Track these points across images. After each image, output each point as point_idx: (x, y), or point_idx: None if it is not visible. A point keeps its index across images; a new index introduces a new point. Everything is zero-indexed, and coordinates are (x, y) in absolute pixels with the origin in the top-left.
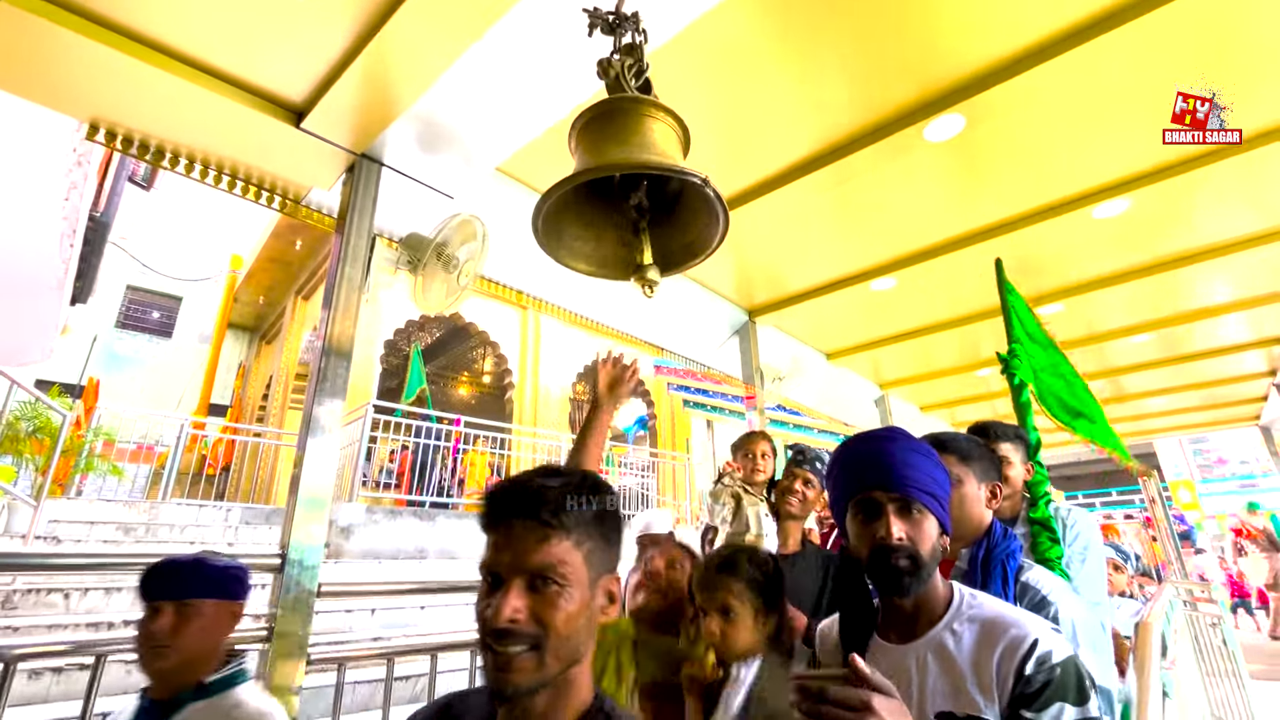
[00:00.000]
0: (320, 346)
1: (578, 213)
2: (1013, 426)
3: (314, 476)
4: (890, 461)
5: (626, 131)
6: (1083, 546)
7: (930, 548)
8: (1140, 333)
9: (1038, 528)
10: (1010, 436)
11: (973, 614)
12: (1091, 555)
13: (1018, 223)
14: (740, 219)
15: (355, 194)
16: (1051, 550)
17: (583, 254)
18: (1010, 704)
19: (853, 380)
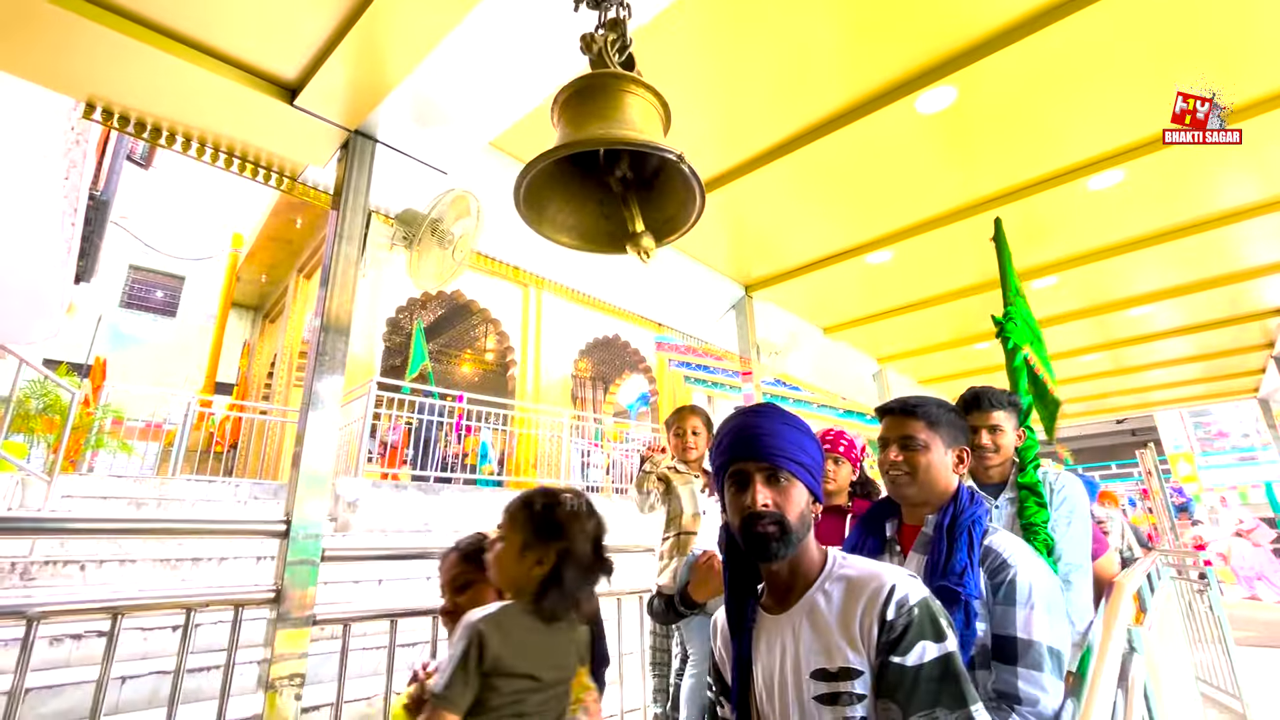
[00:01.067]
0: (318, 323)
1: (560, 187)
2: (1005, 393)
3: (315, 450)
4: (758, 433)
5: (606, 107)
6: (1069, 511)
7: (799, 514)
8: (1137, 305)
9: (1025, 492)
10: (1003, 403)
11: (841, 573)
12: (1077, 519)
13: (1012, 195)
14: (735, 194)
15: (350, 171)
16: (1038, 515)
17: (565, 226)
18: (879, 652)
19: (850, 354)
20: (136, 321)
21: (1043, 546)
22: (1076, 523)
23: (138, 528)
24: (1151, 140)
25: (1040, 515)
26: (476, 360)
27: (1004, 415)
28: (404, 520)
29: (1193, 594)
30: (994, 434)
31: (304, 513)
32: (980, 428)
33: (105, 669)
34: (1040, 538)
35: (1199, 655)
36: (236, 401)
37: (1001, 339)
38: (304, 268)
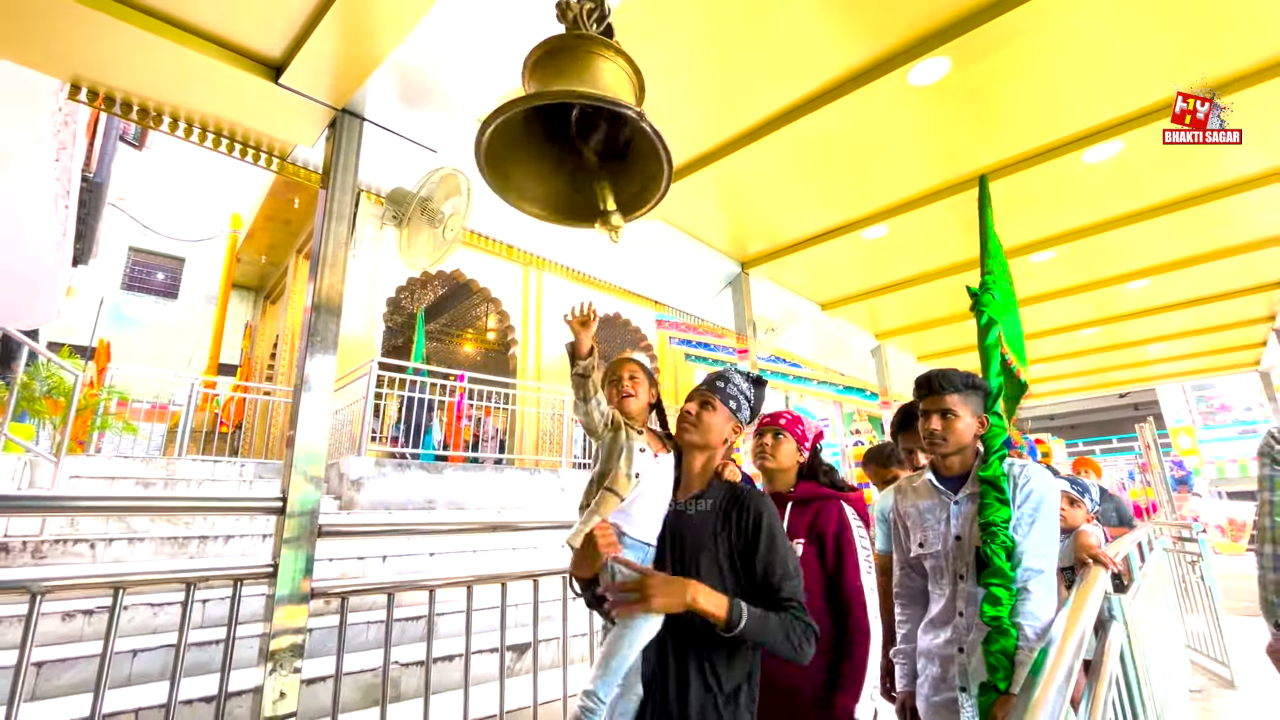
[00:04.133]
0: (309, 303)
1: (529, 154)
2: (961, 374)
3: (308, 428)
4: None
5: (575, 68)
6: (1033, 507)
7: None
8: (1137, 279)
9: (986, 487)
10: (957, 386)
11: None
12: (1043, 518)
13: (1007, 168)
14: (730, 169)
15: (338, 150)
16: (998, 512)
17: (532, 196)
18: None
19: (848, 331)
20: (138, 304)
21: (1000, 549)
22: (1041, 522)
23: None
24: (1149, 111)
25: (1000, 513)
26: (478, 340)
27: (958, 399)
28: (408, 498)
29: (1186, 565)
30: (945, 419)
31: (299, 490)
32: (931, 412)
33: (109, 642)
34: (999, 539)
35: (1191, 623)
36: (240, 383)
37: (976, 312)
38: (303, 248)
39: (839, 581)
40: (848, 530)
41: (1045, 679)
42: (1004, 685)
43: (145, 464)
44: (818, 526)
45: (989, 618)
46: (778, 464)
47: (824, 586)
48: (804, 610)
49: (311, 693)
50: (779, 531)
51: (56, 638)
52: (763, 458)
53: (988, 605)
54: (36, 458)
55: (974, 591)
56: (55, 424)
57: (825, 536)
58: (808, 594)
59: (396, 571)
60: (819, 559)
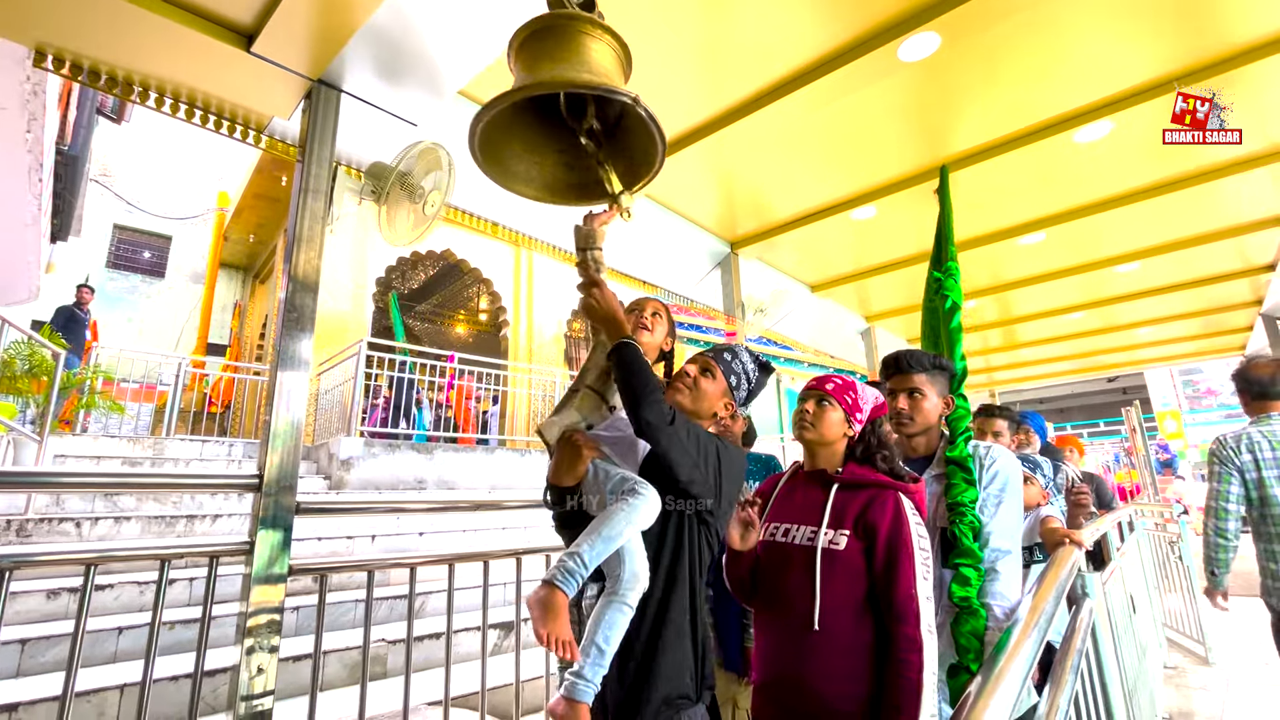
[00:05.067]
0: (285, 279)
1: (519, 135)
2: (929, 355)
3: (286, 405)
4: None
5: (562, 50)
6: (999, 488)
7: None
8: (1127, 261)
9: (953, 468)
10: (925, 366)
11: None
12: (1009, 498)
13: (998, 148)
14: (718, 146)
15: (314, 122)
16: (966, 493)
17: (526, 178)
18: None
19: (838, 312)
20: (124, 282)
21: (968, 530)
22: (1008, 502)
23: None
24: (1140, 90)
25: (967, 494)
26: (470, 320)
27: (925, 379)
28: (398, 478)
29: (1167, 545)
30: (912, 399)
31: (276, 467)
32: (898, 391)
33: (81, 620)
34: (967, 519)
35: (1169, 603)
36: (229, 362)
37: (940, 296)
38: None
39: (890, 588)
40: (905, 527)
41: (1008, 656)
42: (975, 666)
43: (132, 444)
44: (868, 519)
45: (958, 598)
46: (819, 436)
47: (867, 591)
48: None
49: (295, 670)
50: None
51: (41, 615)
52: (802, 427)
53: (956, 586)
54: (20, 437)
55: (940, 573)
56: (38, 403)
57: (877, 533)
58: (846, 606)
59: (385, 550)
60: (865, 557)
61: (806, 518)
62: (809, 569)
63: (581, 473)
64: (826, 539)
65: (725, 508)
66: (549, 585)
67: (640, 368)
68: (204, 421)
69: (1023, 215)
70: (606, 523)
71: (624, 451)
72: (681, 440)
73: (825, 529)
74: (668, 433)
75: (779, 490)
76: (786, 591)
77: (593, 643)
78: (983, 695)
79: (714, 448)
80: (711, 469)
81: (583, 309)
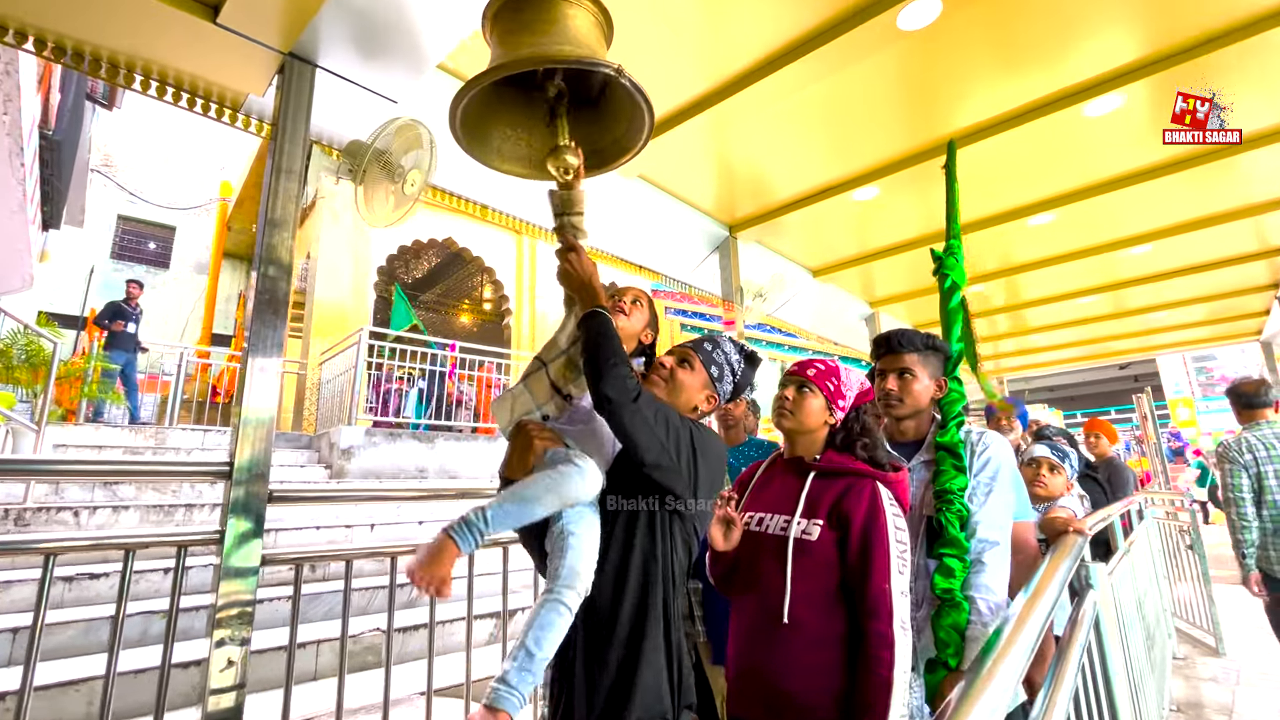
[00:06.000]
0: (256, 261)
1: (502, 112)
2: (922, 335)
3: (257, 390)
4: None
5: (541, 21)
6: (990, 475)
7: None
8: (1139, 243)
9: (942, 453)
10: (917, 346)
11: None
12: (999, 486)
13: (1004, 123)
14: (714, 122)
15: (287, 98)
16: (955, 480)
17: (515, 156)
18: None
19: (841, 298)
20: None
21: (955, 518)
22: (999, 491)
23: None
24: (1152, 61)
25: (956, 481)
26: (474, 310)
27: (917, 359)
28: (399, 467)
29: (1179, 534)
30: (903, 379)
31: (247, 454)
32: (888, 372)
33: (40, 611)
34: (954, 508)
35: (1179, 592)
36: (234, 353)
37: (939, 275)
38: None
39: (862, 582)
40: (880, 518)
41: (997, 655)
42: (954, 662)
43: (134, 433)
44: (842, 508)
45: (941, 590)
46: (798, 423)
47: (839, 583)
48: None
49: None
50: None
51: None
52: (781, 415)
53: (940, 577)
54: (18, 427)
55: (924, 564)
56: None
57: (851, 523)
58: (817, 598)
59: (384, 539)
60: (839, 548)
61: (781, 506)
62: (780, 559)
63: (531, 465)
64: (799, 529)
65: (704, 499)
66: (444, 533)
67: (608, 339)
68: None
69: (1031, 194)
70: (527, 484)
71: (589, 445)
72: (647, 420)
73: (799, 518)
74: (630, 410)
75: (757, 478)
76: (758, 582)
77: (523, 646)
78: (967, 699)
79: (688, 432)
80: (686, 455)
81: (559, 276)
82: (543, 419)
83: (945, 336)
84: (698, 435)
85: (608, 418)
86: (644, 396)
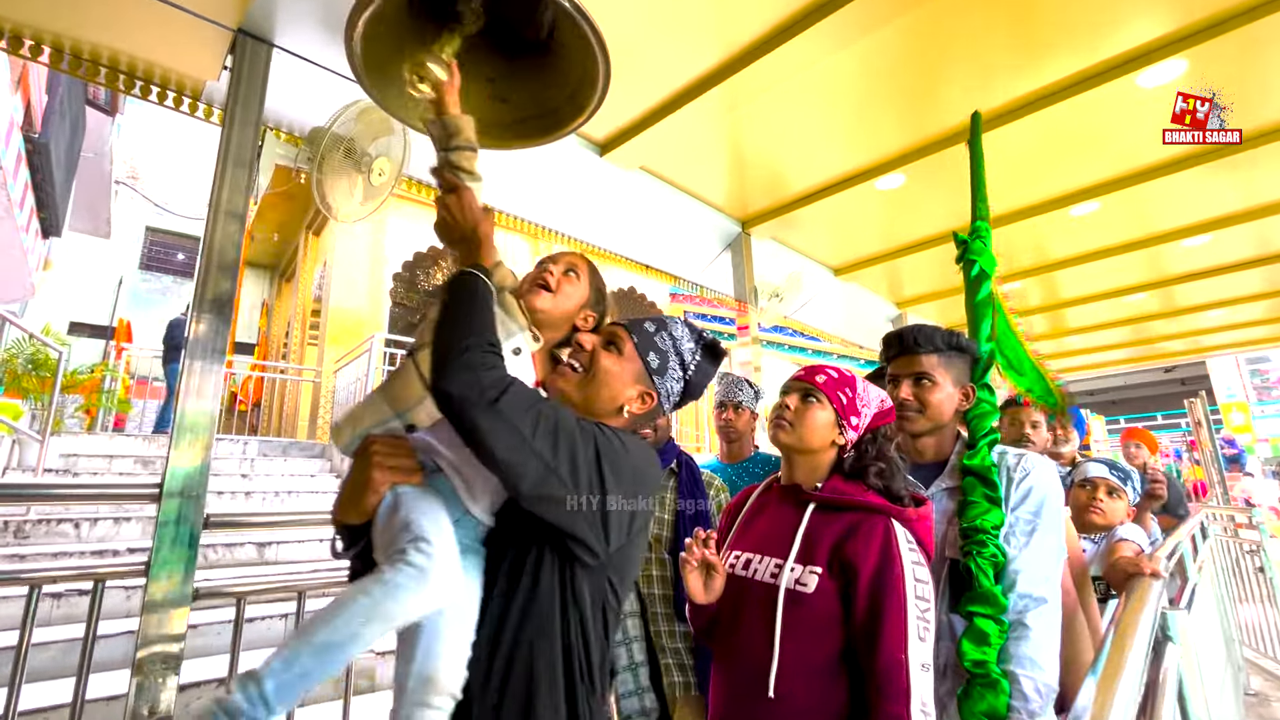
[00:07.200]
0: (201, 257)
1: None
2: (945, 332)
3: (194, 400)
4: None
5: None
6: (1033, 510)
7: None
8: (1196, 234)
9: (971, 480)
10: (938, 345)
11: None
12: (1045, 525)
13: (1044, 99)
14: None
15: (238, 79)
16: (988, 515)
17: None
18: None
19: (865, 298)
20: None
21: (988, 565)
22: (1045, 530)
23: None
24: (1217, 21)
25: (990, 516)
26: None
27: (938, 362)
28: None
29: (1240, 552)
30: (920, 386)
31: (181, 472)
32: (901, 377)
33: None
34: (987, 551)
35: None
36: (258, 361)
37: (965, 262)
38: (312, 224)
39: (871, 649)
40: (895, 566)
41: None
42: None
43: (148, 443)
44: (846, 552)
45: (971, 662)
46: (798, 439)
47: (842, 649)
48: None
49: None
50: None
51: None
52: (779, 427)
53: (969, 644)
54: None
55: (947, 620)
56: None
57: (857, 571)
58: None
59: None
60: (842, 602)
61: (773, 546)
62: (768, 615)
63: (372, 505)
64: (792, 576)
65: (624, 538)
66: None
67: (469, 310)
68: (234, 420)
69: (1075, 181)
70: (330, 618)
71: (472, 471)
72: (515, 428)
73: (792, 563)
74: (487, 414)
75: (748, 506)
76: (740, 641)
77: None
78: None
79: (591, 443)
80: (588, 477)
81: (436, 227)
82: (408, 430)
83: (973, 335)
84: (606, 447)
85: (455, 425)
86: (512, 393)
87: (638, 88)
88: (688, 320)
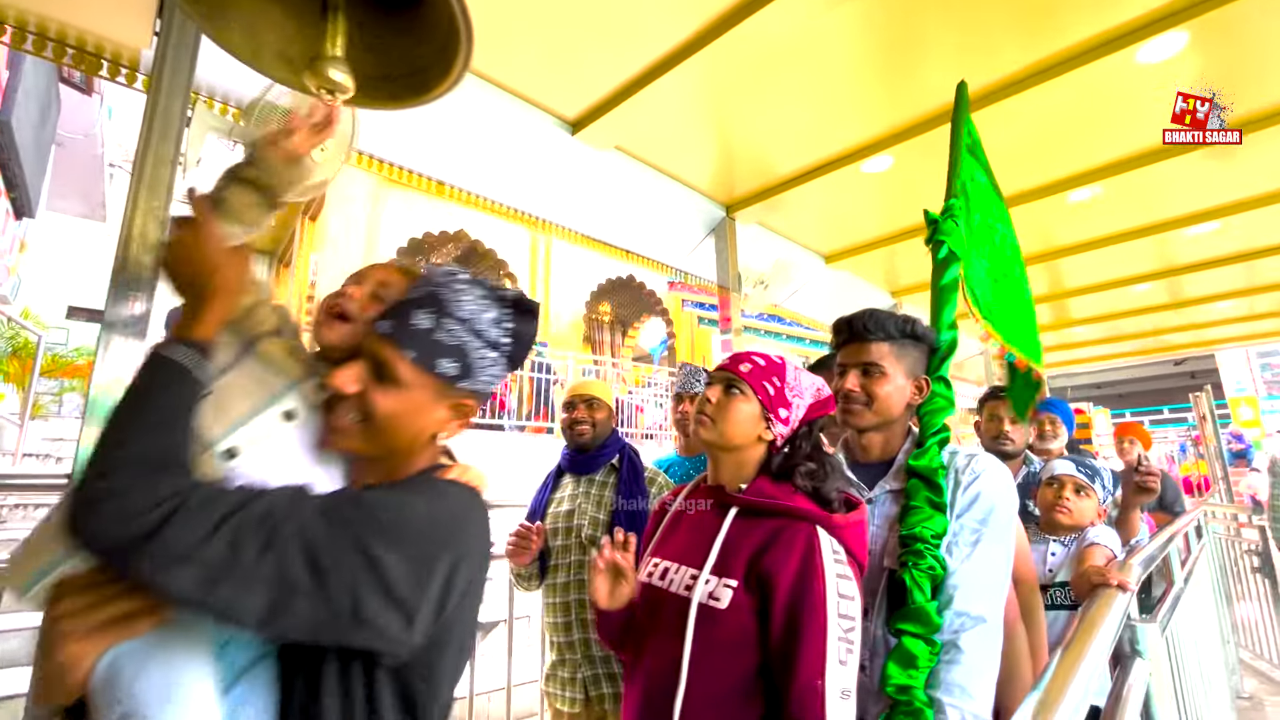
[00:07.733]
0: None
1: None
2: (900, 318)
3: (111, 387)
4: None
5: None
6: (978, 519)
7: None
8: (1203, 221)
9: (916, 482)
10: (889, 332)
11: None
12: (991, 535)
13: (1038, 74)
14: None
15: (165, 44)
16: (929, 522)
17: (274, 51)
18: None
19: (859, 287)
20: None
21: (924, 577)
22: (989, 542)
23: None
24: None
25: (932, 524)
26: None
27: (889, 351)
28: None
29: (1240, 551)
30: (868, 376)
31: None
32: (849, 366)
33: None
34: (924, 563)
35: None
36: None
37: (933, 243)
38: (309, 209)
39: (786, 672)
40: (816, 580)
41: None
42: None
43: None
44: (764, 564)
45: (895, 687)
46: (718, 435)
47: (758, 667)
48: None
49: None
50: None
51: None
52: (699, 423)
53: (895, 666)
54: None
55: (883, 636)
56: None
57: (774, 584)
58: (723, 689)
59: None
60: (758, 620)
61: (691, 555)
62: (678, 631)
63: (80, 683)
64: (706, 590)
65: (435, 604)
66: None
67: (133, 412)
68: None
69: (1072, 164)
70: None
71: None
72: (187, 547)
73: (707, 574)
74: (143, 551)
75: (673, 510)
76: (648, 659)
77: None
78: None
79: (340, 506)
80: (350, 577)
81: (163, 264)
82: (226, 456)
83: (933, 321)
84: (367, 513)
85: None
86: (186, 510)
87: (609, 59)
88: (469, 279)
